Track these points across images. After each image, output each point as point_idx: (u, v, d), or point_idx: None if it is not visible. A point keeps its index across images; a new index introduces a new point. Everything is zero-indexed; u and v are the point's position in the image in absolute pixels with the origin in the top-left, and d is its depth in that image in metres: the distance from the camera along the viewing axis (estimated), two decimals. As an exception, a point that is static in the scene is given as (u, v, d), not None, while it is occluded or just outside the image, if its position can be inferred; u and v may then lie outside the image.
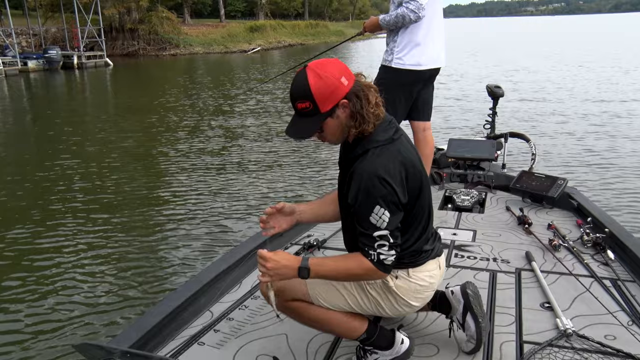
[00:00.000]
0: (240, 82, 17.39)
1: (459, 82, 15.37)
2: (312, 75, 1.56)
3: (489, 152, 3.99)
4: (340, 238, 2.99)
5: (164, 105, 12.57)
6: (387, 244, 1.61)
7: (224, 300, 2.44)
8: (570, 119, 9.52)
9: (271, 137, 8.82)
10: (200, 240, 4.61)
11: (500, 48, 31.25)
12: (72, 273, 4.07)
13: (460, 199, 3.65)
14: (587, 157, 6.91)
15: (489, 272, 2.60)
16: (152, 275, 4.01)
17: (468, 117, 9.94)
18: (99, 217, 5.25)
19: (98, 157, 7.71)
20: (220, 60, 29.39)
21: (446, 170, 4.11)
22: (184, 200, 5.71)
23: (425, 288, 1.80)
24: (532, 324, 2.12)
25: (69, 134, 9.55)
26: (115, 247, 4.54)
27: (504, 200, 3.68)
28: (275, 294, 1.73)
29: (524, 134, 4.60)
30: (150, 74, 22.71)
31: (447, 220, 3.37)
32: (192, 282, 2.45)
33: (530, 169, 3.95)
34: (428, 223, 1.79)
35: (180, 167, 7.06)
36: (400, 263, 1.73)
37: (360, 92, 1.61)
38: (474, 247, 2.93)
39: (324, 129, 1.63)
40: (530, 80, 15.15)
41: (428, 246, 1.79)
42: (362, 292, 1.79)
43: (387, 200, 1.59)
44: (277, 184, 6.21)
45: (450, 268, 2.65)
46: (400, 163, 1.62)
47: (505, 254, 2.81)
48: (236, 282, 2.59)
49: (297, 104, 1.60)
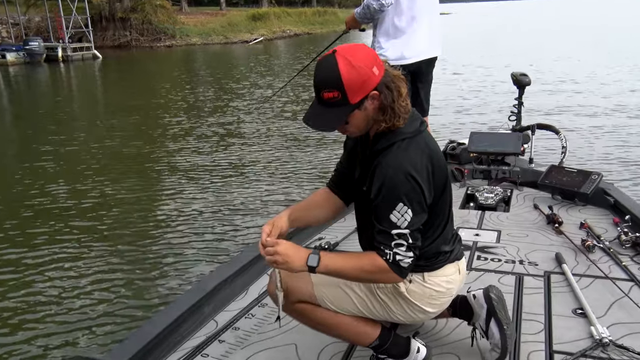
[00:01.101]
0: (244, 77, 17.44)
1: (477, 71, 15.34)
2: (343, 62, 1.54)
3: (514, 146, 3.99)
4: (354, 240, 3.01)
5: (157, 101, 12.65)
6: (405, 244, 1.61)
7: (229, 308, 2.46)
8: (602, 110, 9.44)
9: (272, 135, 8.86)
10: (203, 245, 4.65)
11: (520, 33, 31.05)
12: (60, 282, 4.10)
13: (484, 196, 3.66)
14: (621, 151, 6.85)
15: (514, 275, 2.60)
16: (150, 283, 4.04)
17: (490, 109, 9.92)
18: (89, 222, 5.31)
19: (85, 158, 7.75)
20: (220, 51, 29.50)
21: (468, 167, 4.12)
22: (182, 203, 5.75)
23: (441, 294, 1.80)
24: (564, 332, 2.11)
25: (52, 132, 9.58)
26: (108, 254, 4.58)
27: (532, 198, 3.68)
28: (284, 294, 1.76)
29: (553, 125, 4.59)
30: (144, 68, 22.76)
31: (469, 220, 3.38)
32: (195, 289, 2.47)
33: (560, 164, 3.94)
34: (447, 223, 1.80)
35: (177, 167, 7.12)
36: (416, 266, 1.72)
37: (391, 84, 1.61)
38: (498, 248, 2.93)
39: (349, 121, 1.63)
40: (557, 67, 15.06)
41: (447, 248, 1.80)
42: (372, 295, 1.80)
43: (411, 198, 1.59)
44: (281, 183, 6.24)
45: (472, 272, 2.65)
46: (427, 157, 1.64)
47: (532, 256, 2.81)
48: (242, 289, 2.61)
49: (324, 93, 1.58)
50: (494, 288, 1.94)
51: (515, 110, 4.69)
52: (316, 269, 1.65)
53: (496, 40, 26.76)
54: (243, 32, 37.69)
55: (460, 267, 1.85)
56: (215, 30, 36.96)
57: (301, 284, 1.80)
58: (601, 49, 19.83)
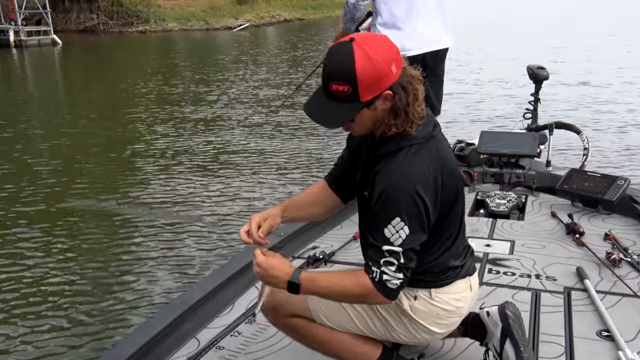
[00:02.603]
0: (226, 67, 17.40)
1: (488, 63, 15.46)
2: (361, 54, 1.51)
3: (530, 147, 3.99)
4: (350, 250, 3.01)
5: (125, 94, 12.58)
6: (395, 263, 1.59)
7: (212, 325, 2.45)
8: (629, 107, 9.52)
9: (259, 131, 8.88)
10: (183, 255, 4.64)
11: (535, 19, 31.24)
12: (22, 300, 4.06)
13: (495, 203, 3.67)
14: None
15: (530, 291, 2.60)
16: (124, 298, 4.03)
17: (503, 105, 9.99)
18: (47, 231, 5.27)
19: (36, 161, 7.65)
20: (201, 38, 29.47)
21: (477, 169, 4.13)
22: (159, 208, 5.73)
23: (449, 313, 1.79)
24: (587, 357, 2.11)
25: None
26: (77, 265, 4.55)
27: (549, 205, 3.69)
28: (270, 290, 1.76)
29: (573, 124, 4.60)
30: (112, 55, 22.53)
31: (479, 228, 3.38)
32: (175, 304, 2.47)
33: (581, 167, 3.97)
34: (458, 235, 1.80)
35: (152, 169, 7.10)
36: (421, 281, 1.73)
37: (408, 85, 1.59)
38: (511, 261, 2.93)
39: (356, 119, 1.61)
40: (577, 60, 15.18)
41: (457, 262, 1.79)
42: (372, 311, 1.80)
43: (411, 215, 1.58)
44: (273, 183, 6.25)
45: (483, 286, 2.64)
46: (438, 167, 1.63)
47: (551, 270, 2.81)
48: (227, 304, 2.60)
49: (333, 85, 1.55)
50: (510, 305, 1.94)
51: (531, 107, 4.71)
52: (298, 294, 1.67)
53: (507, 27, 26.90)
54: (227, 17, 37.65)
55: (472, 284, 1.85)
56: (196, 14, 36.90)
57: (295, 296, 1.79)
58: (622, 38, 20.01)
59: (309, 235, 3.26)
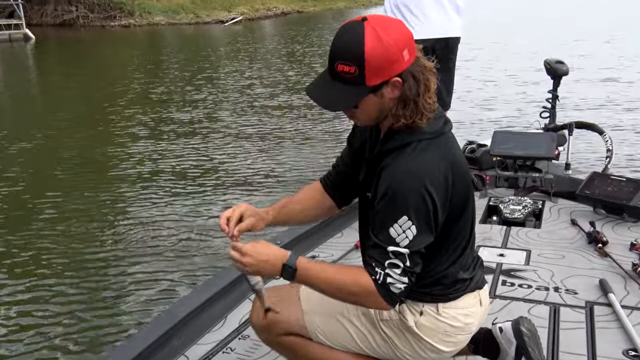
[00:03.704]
0: (218, 65, 17.45)
1: (501, 57, 15.51)
2: (371, 34, 1.53)
3: (547, 148, 3.99)
4: (352, 260, 3.01)
5: (107, 95, 12.51)
6: (401, 266, 1.60)
7: (203, 341, 2.46)
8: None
9: (252, 135, 8.89)
10: (172, 266, 4.64)
11: (552, 8, 31.32)
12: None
13: (509, 209, 3.67)
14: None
15: (548, 305, 2.60)
16: (109, 313, 4.03)
17: (518, 103, 9.99)
18: (25, 239, 5.28)
19: (3, 167, 7.63)
20: (190, 33, 29.57)
21: (490, 173, 4.14)
22: (143, 214, 5.75)
23: (458, 330, 1.79)
24: None
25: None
26: (56, 277, 4.55)
27: (568, 212, 3.69)
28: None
29: (594, 123, 4.61)
30: (91, 52, 22.50)
31: (492, 237, 3.38)
32: (163, 318, 2.48)
33: (604, 170, 3.96)
34: (468, 245, 1.79)
35: (134, 175, 7.11)
36: (427, 295, 1.74)
37: (419, 74, 1.60)
38: (527, 272, 2.94)
39: (360, 105, 1.62)
40: (598, 54, 15.20)
41: (466, 274, 1.79)
42: (374, 328, 1.80)
43: (419, 214, 1.58)
44: (268, 191, 6.25)
45: (496, 300, 2.65)
46: (448, 166, 1.63)
47: (570, 282, 2.80)
48: (219, 318, 2.61)
49: (339, 65, 1.57)
50: (525, 320, 1.94)
51: (549, 105, 4.71)
52: (293, 281, 1.66)
53: (523, 18, 26.96)
54: (218, 10, 37.82)
55: (482, 298, 1.85)
56: (184, 7, 37.07)
57: (290, 312, 1.82)
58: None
59: (308, 243, 3.27)
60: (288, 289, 1.92)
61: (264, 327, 1.88)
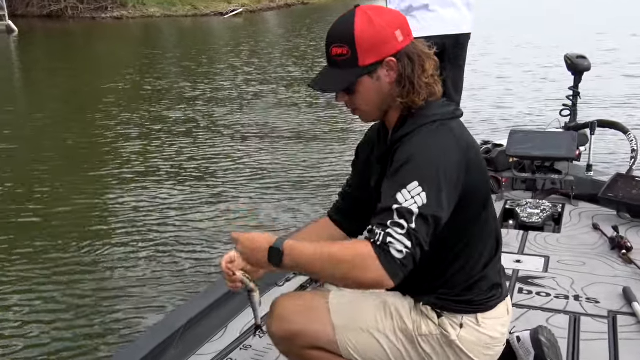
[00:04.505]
0: (218, 60, 17.45)
1: (517, 51, 15.46)
2: (361, 16, 1.67)
3: (567, 148, 3.98)
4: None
5: (96, 92, 12.44)
6: (405, 226, 1.51)
7: (201, 352, 2.45)
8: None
9: (255, 135, 8.91)
10: (170, 273, 4.65)
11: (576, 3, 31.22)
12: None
13: (527, 213, 3.67)
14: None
15: (568, 315, 2.60)
16: (101, 321, 4.03)
17: (536, 100, 9.98)
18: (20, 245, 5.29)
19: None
20: (187, 26, 29.58)
21: (506, 174, 4.13)
22: (138, 216, 5.78)
23: (496, 341, 1.82)
24: None
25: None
26: (47, 284, 4.56)
27: (590, 216, 3.68)
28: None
29: (618, 122, 4.62)
30: (80, 46, 22.34)
31: (509, 242, 3.36)
32: (159, 329, 2.49)
33: (629, 172, 3.96)
34: (499, 246, 1.82)
35: (124, 179, 7.11)
36: (466, 304, 1.76)
37: (414, 56, 1.69)
38: (546, 279, 2.93)
39: (357, 89, 1.70)
40: (624, 48, 15.12)
41: (499, 279, 1.82)
42: (411, 344, 1.80)
43: (432, 184, 1.56)
44: (269, 194, 6.25)
45: (513, 308, 2.60)
46: (463, 148, 1.67)
47: (592, 291, 2.80)
48: (219, 328, 2.61)
49: (332, 48, 1.70)
50: (544, 330, 1.96)
51: (570, 103, 4.73)
52: (282, 264, 1.64)
53: (541, 8, 26.87)
54: (218, 1, 37.79)
55: (509, 307, 1.88)
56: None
57: (318, 325, 1.81)
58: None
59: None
60: (313, 297, 1.91)
61: (285, 338, 1.85)
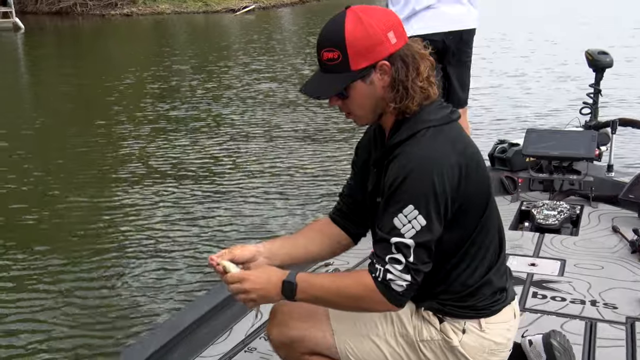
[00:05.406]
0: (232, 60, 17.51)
1: (535, 47, 15.43)
2: (352, 18, 1.65)
3: (586, 148, 3.97)
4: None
5: (102, 93, 12.44)
6: (403, 262, 1.61)
7: (205, 354, 2.47)
8: None
9: (271, 131, 8.97)
10: (174, 273, 4.69)
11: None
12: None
13: (543, 214, 3.66)
14: None
15: (584, 320, 2.59)
16: (103, 322, 4.07)
17: (554, 98, 9.95)
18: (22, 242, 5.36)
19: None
20: (198, 23, 29.74)
21: (522, 175, 4.14)
22: (146, 216, 5.84)
23: (501, 347, 1.81)
24: None
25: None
26: (51, 284, 4.61)
27: (610, 218, 3.67)
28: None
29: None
30: (88, 43, 22.45)
31: (523, 244, 3.37)
32: (163, 330, 2.50)
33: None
34: (501, 249, 1.81)
35: (133, 176, 7.20)
36: (469, 309, 1.76)
37: (408, 58, 1.67)
38: (562, 283, 2.93)
39: (350, 94, 1.69)
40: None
41: (504, 283, 1.82)
42: (412, 350, 1.81)
43: (428, 203, 1.60)
44: (281, 195, 6.31)
45: (526, 313, 2.65)
46: (461, 153, 1.67)
47: (610, 296, 2.79)
48: (224, 329, 2.62)
49: (324, 53, 1.69)
50: (557, 334, 1.97)
51: (590, 101, 4.73)
52: (295, 297, 1.71)
53: (561, 6, 26.76)
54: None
55: (515, 310, 1.88)
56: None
57: (318, 331, 1.84)
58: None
59: None
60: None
61: (285, 344, 1.89)
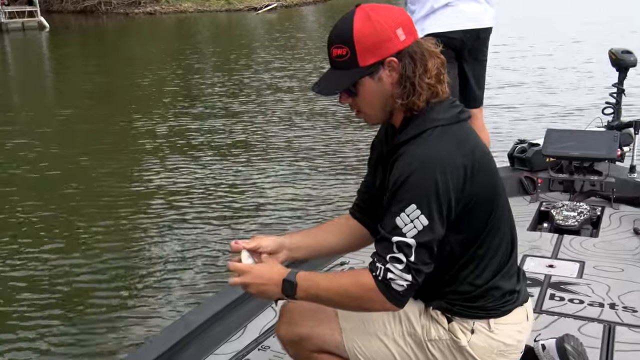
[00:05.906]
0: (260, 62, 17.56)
1: (556, 46, 15.36)
2: (361, 15, 1.67)
3: (608, 148, 3.95)
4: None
5: (125, 91, 12.63)
6: (404, 261, 1.61)
7: (219, 351, 2.49)
8: None
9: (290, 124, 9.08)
10: (188, 271, 4.73)
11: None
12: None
13: (563, 215, 3.64)
14: None
15: (602, 324, 2.57)
16: (118, 318, 4.11)
17: (576, 97, 9.91)
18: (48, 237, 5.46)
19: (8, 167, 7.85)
20: (220, 22, 29.92)
21: (542, 175, 4.11)
22: (160, 217, 5.87)
23: (511, 349, 1.80)
24: None
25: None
26: (65, 278, 4.68)
27: (631, 220, 3.64)
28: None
29: None
30: (112, 42, 22.74)
31: (541, 246, 3.36)
32: (176, 327, 2.51)
33: (675, 173, 3.91)
34: (512, 250, 1.79)
35: (157, 185, 7.24)
36: (479, 309, 1.74)
37: (417, 55, 1.68)
38: (580, 286, 2.91)
39: (359, 91, 1.71)
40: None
41: (514, 285, 1.80)
42: (420, 349, 1.80)
43: (431, 202, 1.60)
44: (298, 195, 6.35)
45: (543, 315, 2.63)
46: (468, 154, 1.66)
47: (629, 299, 2.77)
48: (237, 327, 2.64)
49: (333, 50, 1.71)
50: (571, 338, 1.95)
51: (613, 100, 4.70)
52: (295, 296, 1.72)
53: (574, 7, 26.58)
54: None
55: (528, 312, 1.87)
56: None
57: (326, 328, 1.84)
58: None
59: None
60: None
61: (293, 342, 1.90)
